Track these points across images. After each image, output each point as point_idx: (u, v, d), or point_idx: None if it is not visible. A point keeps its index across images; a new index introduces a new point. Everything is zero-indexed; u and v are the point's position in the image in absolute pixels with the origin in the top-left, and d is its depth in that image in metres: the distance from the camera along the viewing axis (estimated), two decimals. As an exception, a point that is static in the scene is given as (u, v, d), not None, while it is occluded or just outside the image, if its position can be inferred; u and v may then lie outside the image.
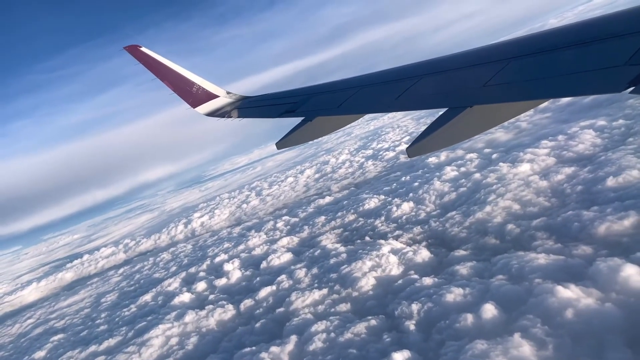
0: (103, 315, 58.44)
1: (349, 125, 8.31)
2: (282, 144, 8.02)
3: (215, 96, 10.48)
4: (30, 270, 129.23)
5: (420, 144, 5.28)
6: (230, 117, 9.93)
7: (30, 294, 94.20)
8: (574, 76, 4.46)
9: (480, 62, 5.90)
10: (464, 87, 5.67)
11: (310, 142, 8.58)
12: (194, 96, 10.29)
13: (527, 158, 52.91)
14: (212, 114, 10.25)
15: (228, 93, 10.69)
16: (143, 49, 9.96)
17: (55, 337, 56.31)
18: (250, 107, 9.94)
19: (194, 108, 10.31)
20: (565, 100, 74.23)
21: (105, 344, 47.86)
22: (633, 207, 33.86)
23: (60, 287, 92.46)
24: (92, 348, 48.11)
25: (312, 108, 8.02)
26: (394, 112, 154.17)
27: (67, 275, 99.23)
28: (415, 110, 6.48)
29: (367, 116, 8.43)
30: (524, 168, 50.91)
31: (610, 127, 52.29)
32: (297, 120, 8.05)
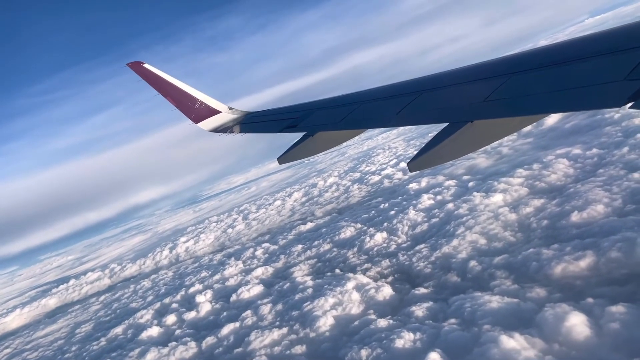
0: (73, 348, 57.59)
1: (345, 144, 8.39)
2: (283, 159, 8.05)
3: (218, 112, 10.52)
4: (18, 294, 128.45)
5: (421, 159, 5.29)
6: (233, 132, 9.96)
7: (13, 321, 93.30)
8: (575, 91, 4.48)
9: (481, 78, 5.93)
10: (464, 102, 5.67)
11: (308, 159, 8.50)
12: (196, 112, 10.35)
13: (501, 188, 52.32)
14: (215, 129, 10.29)
15: (230, 109, 10.72)
16: (146, 65, 10.06)
17: (24, 372, 55.45)
18: (252, 122, 9.99)
19: (196, 124, 10.36)
20: (548, 123, 73.99)
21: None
22: (591, 246, 33.17)
23: (43, 314, 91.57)
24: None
25: (313, 123, 8.06)
26: (390, 130, 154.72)
27: (51, 302, 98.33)
28: (416, 125, 6.54)
29: (362, 135, 8.46)
30: (497, 199, 50.29)
31: (584, 156, 51.74)
32: (297, 135, 8.09)
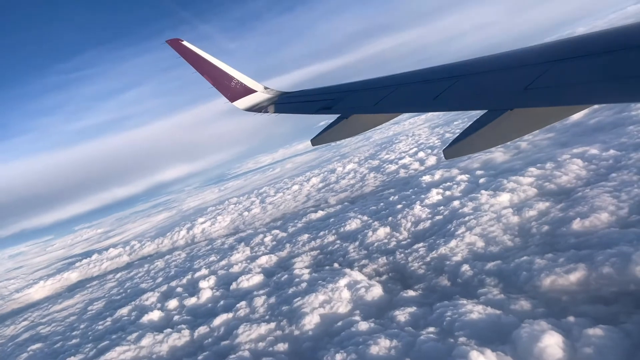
0: (82, 326, 59.47)
1: (376, 128, 8.18)
2: (317, 140, 8.02)
3: (253, 91, 10.56)
4: (47, 265, 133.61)
5: (457, 146, 5.19)
6: (267, 112, 9.94)
7: (37, 292, 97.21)
8: (621, 82, 4.28)
9: (521, 65, 5.74)
10: (504, 90, 5.48)
11: (342, 140, 8.43)
12: (232, 90, 10.43)
13: (510, 187, 50.66)
14: (250, 108, 10.36)
15: (266, 88, 10.72)
16: (185, 43, 10.12)
17: (34, 346, 57.67)
18: (287, 102, 9.98)
19: (232, 102, 10.45)
20: (573, 118, 70.94)
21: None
22: (586, 258, 31.73)
23: (63, 287, 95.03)
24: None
25: (348, 105, 7.96)
26: (418, 116, 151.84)
27: (73, 276, 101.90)
28: (453, 110, 6.47)
29: (389, 121, 8.27)
30: (503, 198, 48.75)
31: (599, 157, 49.44)
32: (327, 117, 8.07)
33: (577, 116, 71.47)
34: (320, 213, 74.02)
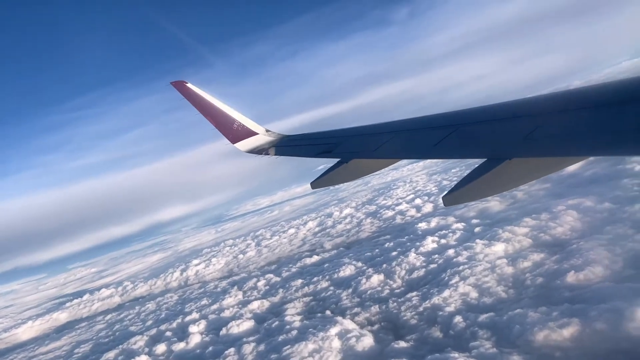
0: (66, 369, 57.89)
1: (375, 173, 8.18)
2: (317, 184, 8.08)
3: (255, 133, 10.68)
4: (37, 305, 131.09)
5: (456, 194, 5.25)
6: (268, 154, 10.04)
7: (24, 333, 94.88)
8: (619, 135, 4.31)
9: (520, 115, 5.77)
10: (503, 139, 5.53)
11: (342, 184, 8.65)
12: (234, 132, 10.54)
13: (505, 237, 50.46)
14: (251, 150, 10.46)
15: (267, 131, 10.84)
16: (189, 85, 10.34)
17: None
18: (287, 145, 10.07)
19: (233, 144, 10.55)
20: (569, 169, 71.35)
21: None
22: (580, 313, 31.24)
23: (51, 328, 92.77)
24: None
25: (348, 150, 8.01)
26: (417, 162, 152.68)
27: (62, 316, 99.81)
28: (453, 158, 6.47)
29: (388, 167, 8.32)
30: (498, 248, 48.46)
31: (594, 209, 49.39)
32: (327, 161, 8.11)
33: (573, 167, 71.68)
34: (315, 258, 73.40)
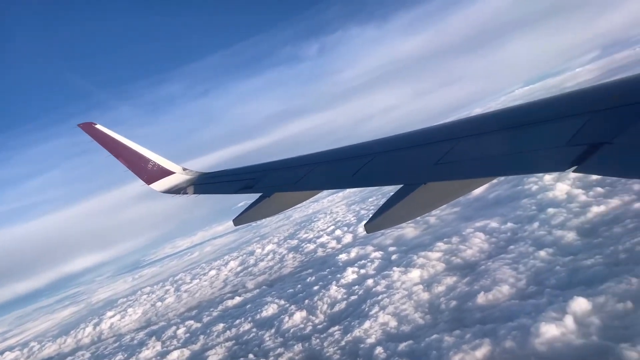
0: None
1: (297, 205, 7.99)
2: (239, 220, 7.83)
3: (171, 172, 10.30)
4: None
5: (377, 221, 5.35)
6: (186, 193, 9.71)
7: None
8: (521, 155, 4.64)
9: (432, 141, 6.04)
10: (417, 165, 5.77)
11: (263, 219, 8.28)
12: (149, 173, 10.12)
13: (420, 262, 51.90)
14: (168, 190, 10.05)
15: (184, 169, 10.48)
16: (98, 126, 9.99)
17: None
18: (206, 183, 9.81)
19: (149, 185, 10.11)
20: (475, 193, 75.45)
21: None
22: (490, 333, 32.48)
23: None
24: None
25: (270, 184, 7.96)
26: (336, 193, 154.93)
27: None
28: (372, 186, 6.64)
29: (309, 199, 8.00)
30: (414, 274, 49.68)
31: (499, 230, 52.25)
32: (248, 197, 7.97)
33: (479, 190, 75.93)
34: (238, 299, 71.48)
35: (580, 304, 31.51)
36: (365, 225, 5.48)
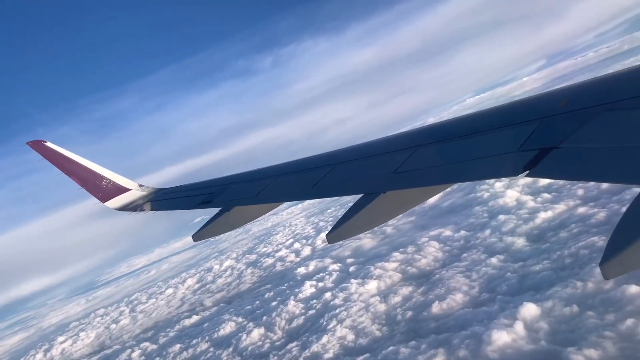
0: None
1: (258, 219, 7.85)
2: (198, 236, 7.61)
3: (127, 189, 10.06)
4: None
5: (338, 231, 5.35)
6: (143, 210, 9.49)
7: None
8: (476, 162, 4.77)
9: (390, 150, 6.12)
10: (376, 174, 5.81)
11: (224, 234, 8.05)
12: (103, 190, 9.86)
13: (377, 274, 52.06)
14: (123, 207, 9.81)
15: (140, 186, 10.27)
16: (48, 143, 9.64)
17: None
18: (164, 199, 9.59)
19: (103, 203, 9.83)
20: (429, 201, 76.58)
21: None
22: (444, 343, 32.75)
23: None
24: None
25: (229, 198, 7.85)
26: (295, 205, 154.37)
27: None
28: (332, 196, 6.50)
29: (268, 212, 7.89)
30: (371, 286, 49.75)
31: (452, 238, 53.06)
32: (206, 212, 7.87)
33: (433, 199, 77.26)
34: (195, 318, 69.86)
35: (530, 309, 32.24)
36: (326, 236, 5.51)
